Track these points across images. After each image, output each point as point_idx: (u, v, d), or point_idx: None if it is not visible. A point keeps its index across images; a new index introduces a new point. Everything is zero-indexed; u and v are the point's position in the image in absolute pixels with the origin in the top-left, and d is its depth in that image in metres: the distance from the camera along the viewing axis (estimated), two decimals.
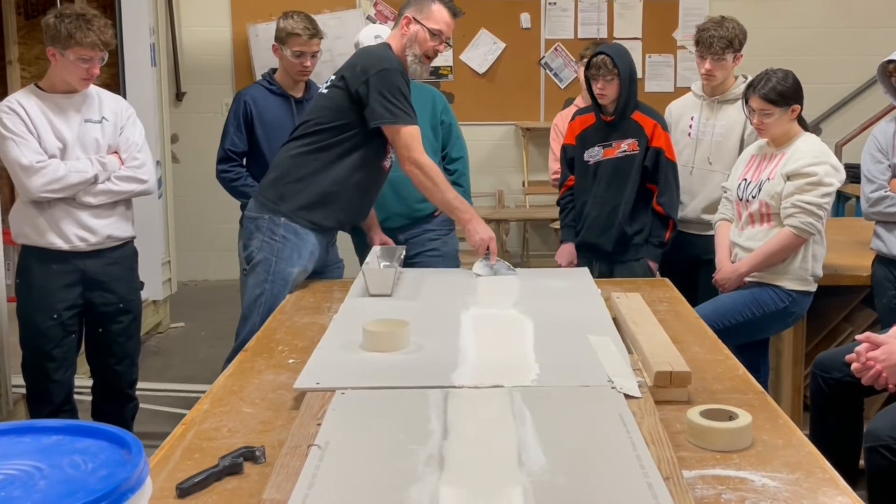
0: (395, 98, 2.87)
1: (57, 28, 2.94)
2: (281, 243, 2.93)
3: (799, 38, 6.24)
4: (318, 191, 2.95)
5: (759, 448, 1.71)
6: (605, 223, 3.59)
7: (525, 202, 6.65)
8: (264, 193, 3.00)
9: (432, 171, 2.95)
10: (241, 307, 3.01)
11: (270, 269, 2.92)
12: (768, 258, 3.09)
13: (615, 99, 3.56)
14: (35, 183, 2.99)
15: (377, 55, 2.95)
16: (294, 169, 2.97)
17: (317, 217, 2.97)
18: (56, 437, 1.05)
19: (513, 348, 2.20)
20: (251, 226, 2.99)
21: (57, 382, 3.20)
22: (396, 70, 2.88)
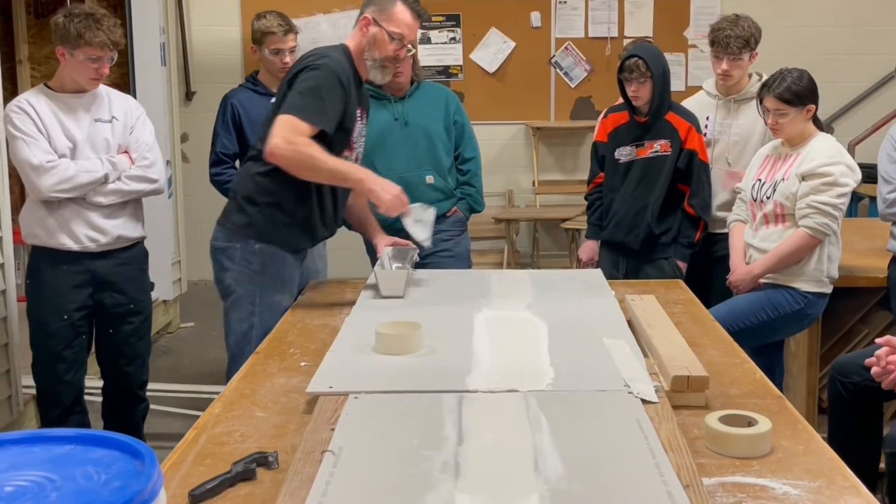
0: (307, 95, 2.59)
1: (66, 27, 2.93)
2: (260, 272, 2.73)
3: (810, 36, 6.19)
4: (287, 210, 2.73)
5: (779, 454, 1.68)
6: (632, 222, 3.59)
7: (535, 202, 6.62)
8: (231, 220, 2.78)
9: (303, 147, 2.56)
10: (226, 347, 2.80)
11: (255, 300, 2.71)
12: (783, 259, 3.06)
13: (649, 100, 3.55)
14: (45, 183, 2.98)
15: (316, 55, 2.69)
16: (257, 192, 2.73)
17: (292, 238, 2.78)
18: (68, 446, 1.03)
19: (527, 351, 2.17)
20: (222, 257, 2.77)
21: (67, 384, 3.19)
22: (328, 70, 2.61)
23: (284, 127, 2.55)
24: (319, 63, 2.60)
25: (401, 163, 3.69)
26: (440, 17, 6.47)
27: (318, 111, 2.58)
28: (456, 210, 3.82)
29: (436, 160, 3.74)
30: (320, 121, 2.58)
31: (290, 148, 2.54)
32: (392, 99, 3.76)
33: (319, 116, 2.58)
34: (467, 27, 6.48)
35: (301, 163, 2.57)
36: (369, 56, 2.73)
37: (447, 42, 6.49)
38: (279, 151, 2.55)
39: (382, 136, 3.70)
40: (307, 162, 2.57)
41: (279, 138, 2.54)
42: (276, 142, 2.54)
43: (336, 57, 2.66)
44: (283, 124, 2.55)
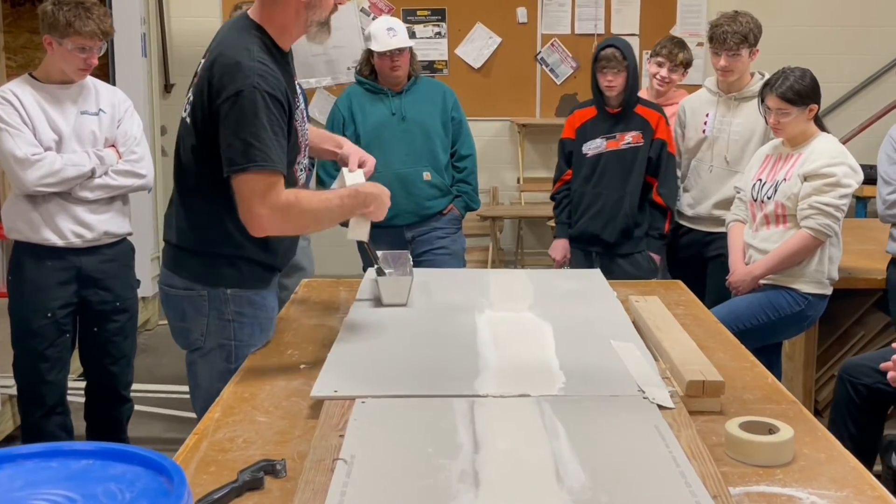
0: (252, 136, 2.07)
1: (55, 16, 2.84)
2: (236, 322, 2.28)
3: (796, 36, 6.19)
4: (246, 246, 2.23)
5: (802, 463, 1.64)
6: (609, 214, 3.59)
7: (520, 199, 6.57)
8: (183, 267, 2.28)
9: (292, 207, 2.13)
10: (194, 403, 2.38)
11: (231, 355, 2.28)
12: (784, 260, 3.03)
13: (621, 91, 3.59)
14: (30, 176, 2.89)
15: (228, 70, 2.09)
16: (207, 234, 2.25)
17: (261, 272, 2.32)
18: (86, 461, 0.96)
19: (534, 354, 2.12)
20: (184, 305, 2.28)
21: (50, 384, 3.10)
22: (253, 91, 2.06)
23: (255, 193, 2.07)
24: (242, 87, 2.06)
25: (398, 158, 3.64)
26: (425, 12, 6.40)
27: (263, 153, 2.06)
28: (452, 207, 3.78)
29: (433, 156, 3.69)
30: (271, 162, 2.08)
31: (280, 216, 2.11)
32: (389, 93, 3.70)
33: (268, 158, 2.07)
34: (452, 22, 6.41)
35: (300, 226, 2.27)
36: (313, 21, 2.23)
37: (432, 37, 6.42)
38: (272, 223, 2.12)
39: (379, 131, 3.65)
40: (307, 220, 2.22)
41: (264, 209, 2.08)
42: (261, 213, 2.09)
43: (250, 63, 2.09)
44: (251, 191, 2.07)
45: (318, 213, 2.19)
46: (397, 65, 3.62)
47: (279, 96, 2.11)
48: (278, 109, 2.11)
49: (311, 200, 2.18)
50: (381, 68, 3.68)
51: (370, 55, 3.72)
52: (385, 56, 3.63)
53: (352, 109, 3.73)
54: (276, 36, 2.21)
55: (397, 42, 3.61)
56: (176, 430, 3.79)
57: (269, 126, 2.08)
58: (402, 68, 3.65)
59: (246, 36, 2.15)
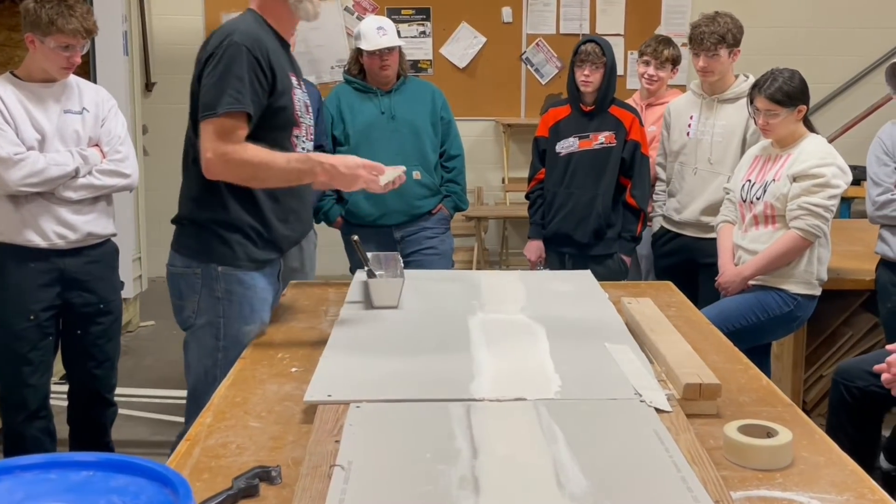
0: (218, 85, 2.20)
1: (37, 13, 2.78)
2: (226, 300, 2.35)
3: (780, 37, 6.22)
4: (232, 222, 2.34)
5: (801, 466, 1.63)
6: (581, 214, 3.60)
7: (505, 199, 6.56)
8: (182, 244, 2.41)
9: (239, 154, 2.21)
10: (187, 380, 2.47)
11: (219, 332, 2.36)
12: (773, 261, 3.03)
13: (597, 88, 3.60)
14: (13, 176, 2.83)
15: (220, 33, 2.28)
16: (195, 210, 2.37)
17: (256, 252, 2.38)
18: (86, 472, 0.93)
19: (529, 357, 2.10)
20: (180, 283, 2.40)
21: (32, 387, 3.05)
22: (233, 47, 2.21)
23: (208, 136, 2.20)
24: (224, 43, 2.22)
25: (387, 157, 3.57)
26: (410, 11, 6.38)
27: (235, 97, 2.19)
28: (441, 207, 3.76)
29: (422, 156, 3.68)
30: (241, 105, 2.20)
31: (224, 160, 2.20)
32: (378, 92, 3.68)
33: (238, 102, 2.19)
34: (437, 21, 6.39)
35: (243, 173, 2.25)
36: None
37: (417, 36, 6.39)
38: (214, 167, 2.22)
39: (368, 130, 3.62)
40: (249, 171, 2.24)
41: (209, 152, 2.20)
42: (207, 157, 2.21)
43: (243, 28, 2.26)
44: (206, 134, 2.21)
45: (259, 166, 2.24)
46: (386, 64, 3.60)
47: (260, 57, 2.23)
48: (255, 66, 2.22)
49: (254, 154, 2.23)
50: (370, 67, 3.66)
51: (359, 54, 3.69)
52: (374, 55, 3.60)
53: (340, 108, 3.70)
54: (274, 23, 2.36)
55: (387, 41, 3.59)
56: (161, 433, 3.74)
57: (245, 76, 2.20)
58: (392, 67, 3.62)
59: (241, 18, 2.35)
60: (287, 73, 2.36)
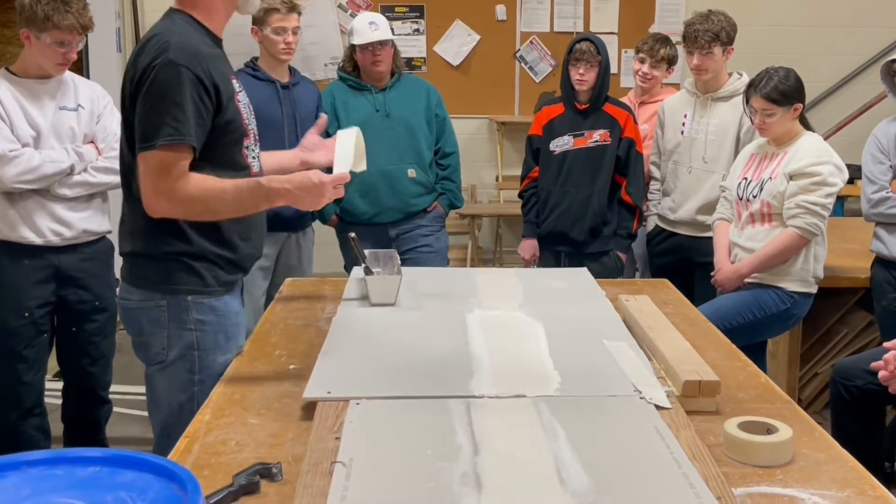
0: (155, 113, 1.97)
1: (33, 9, 2.78)
2: (199, 330, 2.14)
3: (773, 36, 6.22)
4: (206, 250, 2.13)
5: (802, 463, 1.64)
6: (577, 212, 3.60)
7: (499, 197, 6.56)
8: (139, 276, 2.14)
9: (183, 191, 2.00)
10: (152, 418, 2.25)
11: (194, 366, 2.15)
12: (770, 259, 3.04)
13: (592, 87, 3.59)
14: (7, 173, 2.82)
15: (148, 49, 2.02)
16: (148, 244, 2.11)
17: (224, 275, 2.18)
18: (92, 468, 0.93)
19: (528, 354, 2.10)
20: (140, 318, 2.14)
21: (27, 385, 3.04)
22: (167, 66, 1.97)
23: (148, 172, 1.98)
24: (156, 63, 1.97)
25: (382, 155, 3.61)
26: (404, 8, 6.36)
27: (174, 128, 1.96)
28: (436, 205, 3.75)
29: (417, 153, 3.67)
30: (182, 137, 1.97)
31: (167, 198, 1.99)
32: (373, 90, 3.67)
33: (178, 133, 1.97)
34: (431, 19, 6.37)
35: (191, 210, 2.04)
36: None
37: (410, 34, 6.37)
38: (157, 206, 2.01)
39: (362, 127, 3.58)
40: (198, 207, 2.04)
41: (150, 190, 1.99)
42: (148, 196, 2.00)
43: (176, 41, 2.00)
44: (145, 169, 1.99)
45: (208, 201, 2.03)
46: (379, 59, 3.59)
47: (201, 74, 2.00)
48: (197, 87, 1.99)
49: (202, 188, 2.02)
50: (363, 63, 3.65)
51: (353, 51, 3.69)
52: (367, 50, 3.60)
53: (335, 106, 3.69)
54: (205, 19, 2.12)
55: (379, 35, 3.58)
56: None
57: (186, 101, 1.97)
58: (384, 63, 3.61)
59: (169, 22, 2.09)
60: (228, 80, 2.13)
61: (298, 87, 3.62)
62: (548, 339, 2.19)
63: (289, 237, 3.66)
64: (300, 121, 3.57)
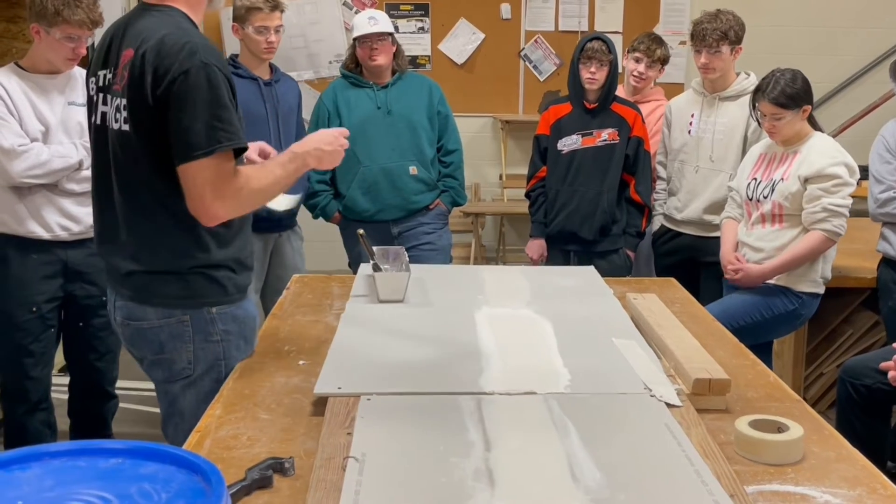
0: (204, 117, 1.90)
1: (43, 4, 2.78)
2: (225, 340, 2.10)
3: (779, 36, 6.21)
4: (225, 257, 2.08)
5: (812, 461, 1.64)
6: (586, 211, 3.60)
7: (502, 195, 6.56)
8: (154, 292, 2.05)
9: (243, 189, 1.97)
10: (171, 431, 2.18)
11: (221, 374, 2.10)
12: (797, 261, 3.01)
13: (602, 85, 3.59)
14: (16, 168, 2.82)
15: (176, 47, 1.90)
16: (183, 254, 2.03)
17: (240, 280, 2.14)
18: (115, 459, 0.93)
19: (537, 351, 2.10)
20: (160, 336, 2.07)
21: (34, 379, 3.04)
22: (201, 67, 1.89)
23: (208, 181, 1.91)
24: (191, 67, 1.88)
25: (383, 152, 3.61)
26: (409, 6, 6.36)
27: (229, 131, 1.92)
28: (439, 203, 3.75)
29: (419, 151, 3.67)
30: (238, 140, 1.94)
31: (236, 200, 1.96)
32: (375, 87, 3.67)
33: (235, 136, 1.93)
34: (436, 17, 6.37)
35: (254, 202, 2.04)
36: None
37: (415, 32, 6.37)
38: (223, 211, 1.96)
39: (364, 125, 3.61)
40: (259, 198, 2.05)
41: (212, 198, 1.93)
42: (214, 206, 1.94)
43: (198, 41, 1.94)
44: (203, 180, 1.91)
45: (266, 190, 2.04)
46: (377, 52, 3.59)
47: (226, 72, 1.95)
48: (227, 87, 1.94)
49: (259, 178, 2.01)
50: (362, 57, 3.65)
51: (355, 48, 3.69)
52: (365, 44, 3.60)
53: (337, 103, 3.69)
54: (192, 14, 2.05)
55: (377, 28, 3.59)
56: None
57: (227, 102, 1.92)
58: (382, 56, 3.61)
59: (167, 18, 1.98)
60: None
61: (280, 84, 3.62)
62: (557, 337, 2.20)
63: (279, 236, 3.66)
64: (283, 117, 3.58)
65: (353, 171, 3.64)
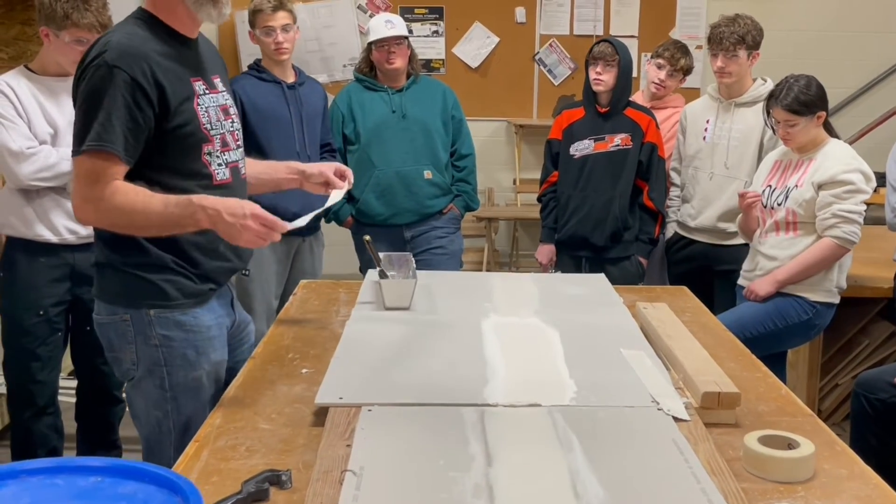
0: (86, 119, 1.88)
1: (52, 7, 2.77)
2: (164, 346, 2.04)
3: (797, 40, 6.16)
4: (164, 260, 2.02)
5: (823, 479, 1.60)
6: (598, 217, 3.56)
7: (516, 200, 6.52)
8: (102, 285, 2.07)
9: (109, 201, 1.89)
10: (139, 431, 2.16)
11: (163, 382, 2.05)
12: (808, 269, 2.97)
13: (611, 88, 3.56)
14: (25, 170, 2.81)
15: (93, 51, 1.93)
16: (110, 254, 2.03)
17: (191, 286, 2.07)
18: (93, 478, 0.91)
19: (543, 362, 2.07)
20: (109, 333, 2.07)
21: (41, 383, 3.03)
22: (102, 70, 1.87)
23: (78, 179, 1.91)
24: (92, 64, 1.89)
25: (398, 156, 3.60)
26: (423, 10, 6.34)
27: (99, 134, 1.86)
28: (452, 207, 3.73)
29: (434, 155, 3.66)
30: (105, 144, 1.87)
31: (93, 207, 1.90)
32: (389, 91, 3.66)
33: (101, 140, 1.86)
34: (451, 21, 6.35)
35: (117, 221, 1.94)
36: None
37: (429, 35, 6.36)
38: (84, 214, 1.94)
39: (379, 129, 3.61)
40: (124, 219, 1.92)
41: (78, 198, 1.92)
42: (76, 204, 1.93)
43: (117, 40, 1.90)
44: (75, 176, 1.93)
45: (132, 213, 1.91)
46: (394, 55, 3.58)
47: (137, 75, 1.88)
48: (133, 90, 1.87)
49: (128, 198, 1.90)
50: (378, 61, 3.65)
51: (370, 52, 3.68)
52: (382, 48, 3.59)
53: (351, 107, 3.69)
54: (168, 19, 2.01)
55: (394, 31, 3.58)
56: None
57: (115, 106, 1.86)
58: (399, 60, 3.60)
59: (123, 22, 2.00)
60: (186, 81, 2.00)
61: (304, 87, 3.63)
62: (564, 347, 2.16)
63: (303, 241, 3.66)
64: (307, 120, 3.57)
65: (368, 175, 3.63)
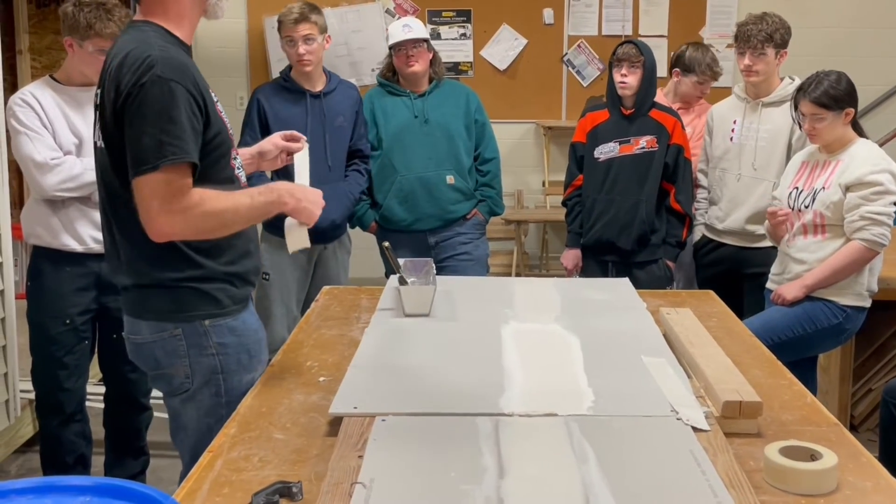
0: (152, 133, 1.86)
1: (76, 17, 2.79)
2: (222, 354, 2.07)
3: (828, 38, 6.06)
4: (216, 271, 2.06)
5: (847, 492, 1.55)
6: (624, 221, 3.52)
7: (545, 203, 6.49)
8: (143, 305, 2.06)
9: (196, 209, 1.91)
10: (179, 445, 2.17)
11: (220, 389, 2.09)
12: (837, 273, 2.91)
13: (636, 91, 3.52)
14: (50, 181, 2.84)
15: (130, 64, 1.90)
16: (164, 266, 2.02)
17: (237, 292, 2.11)
18: (82, 498, 0.90)
19: (562, 370, 2.04)
20: (155, 352, 2.07)
21: (68, 391, 3.06)
22: (156, 81, 1.87)
23: (153, 195, 1.88)
24: (145, 82, 1.87)
25: (420, 161, 3.59)
26: (451, 13, 6.33)
27: (176, 146, 1.87)
28: (476, 212, 3.71)
29: (456, 160, 3.64)
30: (184, 155, 1.88)
31: (182, 219, 1.90)
32: (411, 95, 3.65)
33: (181, 151, 1.87)
34: (478, 23, 6.33)
35: (207, 226, 1.96)
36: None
37: (457, 38, 6.34)
38: (168, 229, 1.92)
39: (401, 134, 3.60)
40: (214, 222, 1.96)
41: (159, 214, 1.89)
42: (156, 220, 1.90)
43: (159, 54, 1.90)
44: (150, 193, 1.88)
45: (223, 215, 1.96)
46: (413, 59, 3.57)
47: (190, 87, 1.91)
48: (189, 101, 1.90)
49: (217, 202, 1.94)
50: (398, 65, 3.64)
51: (392, 57, 3.68)
52: (401, 52, 3.59)
53: (373, 112, 3.68)
54: (174, 28, 2.02)
55: (411, 35, 3.58)
56: None
57: (181, 117, 1.88)
58: (419, 63, 3.59)
59: (139, 34, 1.98)
60: (209, 89, 2.03)
61: (335, 94, 3.61)
62: (583, 355, 2.13)
63: (324, 248, 3.65)
64: (331, 130, 3.56)
65: (390, 181, 3.62)
